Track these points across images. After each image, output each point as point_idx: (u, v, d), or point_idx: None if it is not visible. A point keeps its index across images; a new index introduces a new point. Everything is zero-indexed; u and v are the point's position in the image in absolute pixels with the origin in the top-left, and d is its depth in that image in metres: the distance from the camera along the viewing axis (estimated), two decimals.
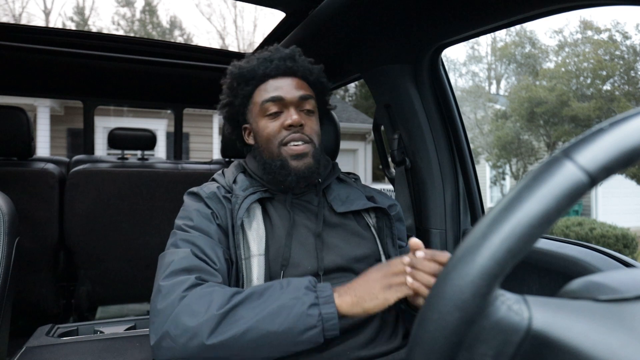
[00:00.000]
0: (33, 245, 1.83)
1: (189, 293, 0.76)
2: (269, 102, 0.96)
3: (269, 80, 0.98)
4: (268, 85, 0.98)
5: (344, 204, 1.01)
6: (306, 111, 0.98)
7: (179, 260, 0.83)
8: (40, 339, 1.15)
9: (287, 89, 0.96)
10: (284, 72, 0.98)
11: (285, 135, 0.95)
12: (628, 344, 0.27)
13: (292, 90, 0.97)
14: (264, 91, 0.98)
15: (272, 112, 0.96)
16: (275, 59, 0.97)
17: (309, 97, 0.98)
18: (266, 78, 0.98)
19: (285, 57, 0.98)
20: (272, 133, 0.96)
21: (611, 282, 0.34)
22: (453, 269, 0.29)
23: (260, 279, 0.89)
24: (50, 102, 7.93)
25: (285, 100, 0.96)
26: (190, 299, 0.75)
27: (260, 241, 0.92)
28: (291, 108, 0.96)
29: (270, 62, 0.97)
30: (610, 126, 0.29)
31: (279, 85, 0.97)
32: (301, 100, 0.97)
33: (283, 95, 0.96)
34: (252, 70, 0.98)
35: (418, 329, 0.30)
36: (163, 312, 0.75)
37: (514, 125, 10.01)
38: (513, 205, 0.29)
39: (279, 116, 0.96)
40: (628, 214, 10.38)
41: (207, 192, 0.98)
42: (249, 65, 0.99)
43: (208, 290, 0.76)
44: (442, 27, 1.20)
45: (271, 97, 0.96)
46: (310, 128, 0.97)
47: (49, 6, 18.49)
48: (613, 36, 9.56)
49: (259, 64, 0.98)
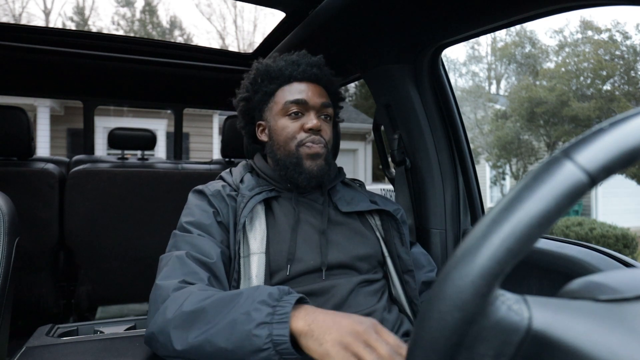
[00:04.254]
0: (33, 245, 1.83)
1: (171, 296, 0.78)
2: (293, 104, 1.00)
3: (294, 82, 1.02)
4: (293, 87, 1.02)
5: (349, 205, 1.04)
6: (324, 117, 1.03)
7: (172, 264, 0.85)
8: (40, 339, 1.15)
9: (311, 94, 1.01)
10: (309, 78, 1.02)
11: (304, 137, 0.99)
12: (628, 344, 0.27)
13: (315, 96, 1.01)
14: (288, 92, 1.02)
15: (294, 112, 1.00)
16: (303, 63, 1.02)
17: (329, 105, 1.03)
18: (292, 80, 1.02)
19: (312, 63, 1.03)
20: (292, 133, 1.00)
21: (611, 282, 0.34)
22: (453, 268, 0.29)
23: (260, 277, 0.91)
24: (50, 102, 7.93)
25: (309, 104, 1.00)
26: (169, 301, 0.77)
27: (261, 239, 0.94)
28: (312, 112, 1.00)
29: (298, 66, 1.02)
30: (610, 126, 0.29)
31: (303, 89, 1.01)
32: (322, 107, 1.02)
33: (307, 99, 1.00)
34: (280, 70, 1.02)
35: (418, 329, 0.30)
36: (150, 313, 0.79)
37: (514, 125, 10.01)
38: (513, 205, 0.29)
39: (300, 118, 1.01)
40: (628, 214, 10.38)
41: (211, 190, 1.01)
42: (277, 65, 1.03)
43: (184, 293, 0.77)
44: (442, 27, 1.20)
45: (296, 99, 1.00)
46: (327, 133, 1.02)
47: (49, 6, 18.47)
48: (613, 36, 9.56)
49: (287, 65, 1.02)
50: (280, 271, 0.93)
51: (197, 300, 0.73)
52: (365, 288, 0.97)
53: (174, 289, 0.79)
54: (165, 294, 0.78)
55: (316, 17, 1.32)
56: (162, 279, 0.83)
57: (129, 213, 1.94)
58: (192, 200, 1.01)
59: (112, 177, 1.92)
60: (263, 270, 0.91)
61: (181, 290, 0.78)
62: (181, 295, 0.76)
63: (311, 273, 0.95)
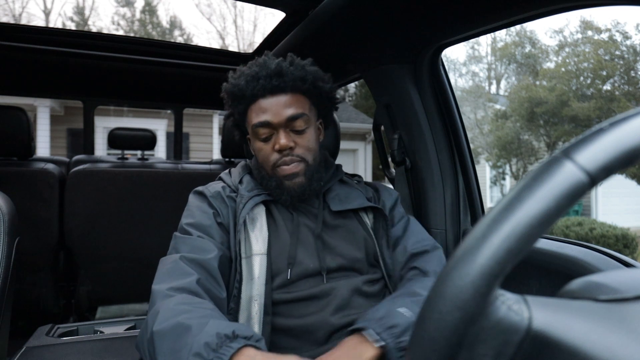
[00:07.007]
0: (33, 245, 1.83)
1: (155, 305, 0.79)
2: (258, 127, 0.96)
3: (258, 99, 0.96)
4: (258, 105, 0.96)
5: (342, 203, 1.03)
6: (296, 131, 0.97)
7: (167, 268, 0.87)
8: (40, 339, 1.15)
9: (275, 110, 0.95)
10: (271, 91, 0.95)
11: (277, 159, 0.97)
12: (628, 344, 0.27)
13: (280, 111, 0.95)
14: (254, 113, 0.97)
15: (263, 136, 0.97)
16: (262, 76, 0.95)
17: (298, 117, 0.96)
18: (255, 98, 0.97)
19: (271, 74, 0.95)
20: (265, 156, 0.98)
21: (611, 282, 0.34)
22: (453, 269, 0.29)
23: (262, 277, 0.91)
24: (50, 102, 7.93)
25: (274, 124, 0.95)
26: (149, 316, 0.78)
27: (263, 240, 0.94)
28: (280, 130, 0.95)
29: (257, 81, 0.95)
30: (610, 126, 0.29)
31: (267, 107, 0.95)
32: (290, 120, 0.95)
33: (270, 120, 0.95)
34: (242, 90, 0.97)
35: (418, 329, 0.30)
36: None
37: (514, 125, 10.01)
38: (513, 205, 0.29)
39: (271, 138, 0.97)
40: (628, 214, 10.37)
41: (211, 191, 1.01)
42: (238, 84, 0.97)
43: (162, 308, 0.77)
44: (442, 27, 1.20)
45: (259, 123, 0.96)
46: (302, 147, 0.97)
47: (49, 6, 18.43)
48: (613, 36, 9.56)
49: (247, 83, 0.96)
50: (281, 274, 0.94)
51: (162, 319, 0.74)
52: (366, 288, 0.97)
53: (162, 297, 0.80)
54: (153, 301, 0.81)
55: (316, 17, 1.32)
56: (155, 283, 0.85)
57: (129, 213, 1.94)
58: (192, 202, 1.02)
59: (112, 177, 1.92)
60: (265, 271, 0.92)
61: (164, 302, 0.79)
62: (156, 312, 0.77)
63: (312, 277, 0.95)
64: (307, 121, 0.98)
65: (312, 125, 1.00)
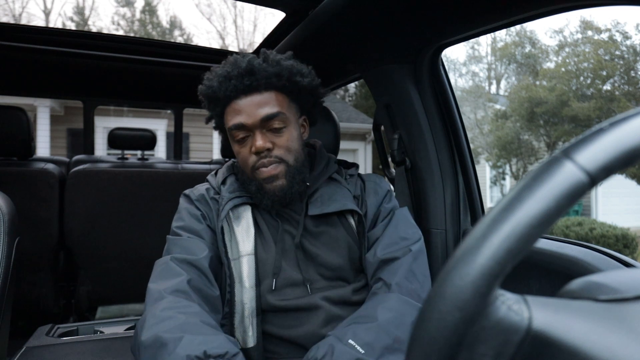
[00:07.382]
0: (33, 245, 1.83)
1: (146, 310, 0.81)
2: (234, 130, 0.93)
3: (232, 101, 0.92)
4: (232, 107, 0.93)
5: (322, 206, 0.97)
6: (273, 130, 0.92)
7: (160, 270, 0.88)
8: (40, 339, 1.15)
9: (249, 111, 0.90)
10: (244, 91, 0.91)
11: (255, 161, 0.93)
12: (628, 344, 0.27)
13: (254, 112, 0.90)
14: (230, 115, 0.93)
15: (239, 138, 0.93)
16: (234, 76, 0.90)
17: (273, 116, 0.91)
18: (229, 100, 0.93)
19: (243, 73, 0.90)
20: (244, 158, 0.94)
21: (611, 282, 0.33)
22: (453, 269, 0.29)
23: (251, 279, 0.91)
24: (50, 102, 7.93)
25: (248, 126, 0.91)
26: (139, 322, 0.80)
27: (250, 239, 0.94)
28: (256, 132, 0.91)
29: (229, 82, 0.91)
30: (610, 126, 0.29)
31: (241, 108, 0.91)
32: (265, 121, 0.91)
33: (244, 122, 0.91)
34: (215, 92, 0.93)
35: (418, 329, 0.30)
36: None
37: (514, 125, 10.01)
38: (513, 205, 0.29)
39: (247, 140, 0.93)
40: (628, 214, 10.37)
41: (196, 194, 1.01)
42: (212, 85, 0.93)
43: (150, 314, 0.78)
44: (442, 27, 1.20)
45: (234, 125, 0.92)
46: (281, 147, 0.93)
47: (49, 6, 18.42)
48: (613, 36, 9.56)
49: (219, 85, 0.92)
50: (266, 279, 0.94)
51: (147, 327, 0.76)
52: (356, 297, 0.95)
53: (152, 300, 0.82)
54: (145, 302, 0.83)
55: (316, 17, 1.32)
56: (150, 282, 0.87)
57: (129, 213, 1.93)
58: (181, 204, 1.02)
59: (112, 177, 1.92)
60: (253, 274, 0.91)
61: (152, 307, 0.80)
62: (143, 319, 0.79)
63: (297, 286, 0.94)
64: (285, 120, 0.93)
65: (291, 124, 0.95)
